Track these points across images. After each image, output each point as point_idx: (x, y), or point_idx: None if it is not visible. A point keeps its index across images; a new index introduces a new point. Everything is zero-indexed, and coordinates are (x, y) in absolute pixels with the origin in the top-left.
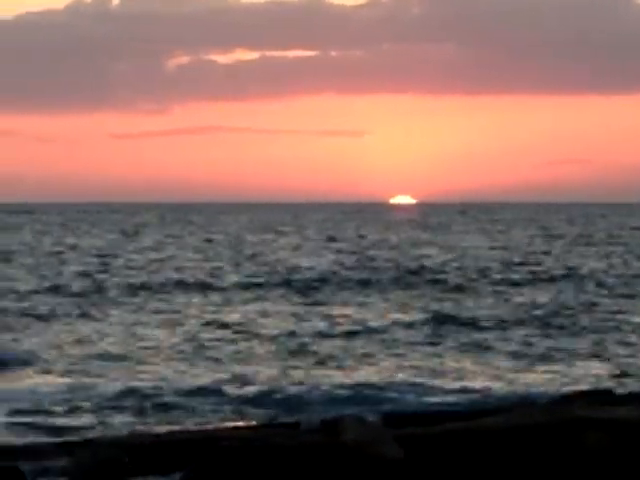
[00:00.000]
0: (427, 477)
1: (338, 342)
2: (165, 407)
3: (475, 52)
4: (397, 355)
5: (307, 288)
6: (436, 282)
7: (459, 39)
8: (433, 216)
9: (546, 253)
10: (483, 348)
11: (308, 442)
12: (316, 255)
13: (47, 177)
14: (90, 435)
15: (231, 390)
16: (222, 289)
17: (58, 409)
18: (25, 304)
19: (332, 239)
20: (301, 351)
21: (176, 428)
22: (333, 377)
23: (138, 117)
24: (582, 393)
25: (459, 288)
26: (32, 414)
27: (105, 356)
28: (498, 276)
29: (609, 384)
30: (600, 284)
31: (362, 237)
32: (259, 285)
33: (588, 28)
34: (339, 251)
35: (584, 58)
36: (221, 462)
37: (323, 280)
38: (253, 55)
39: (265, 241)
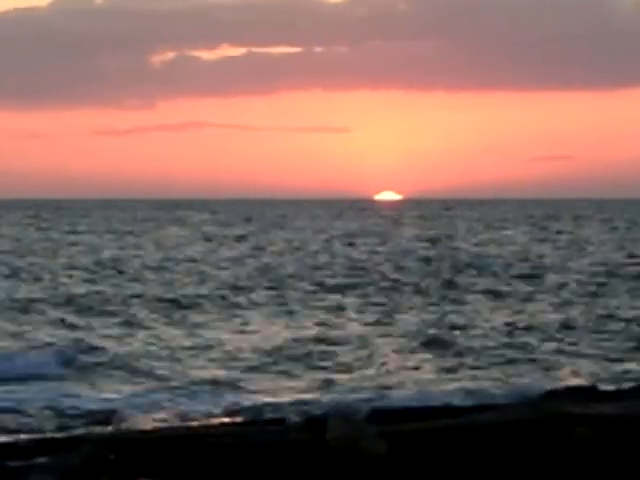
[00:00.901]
0: (412, 473)
1: None
2: None
3: (460, 48)
4: None
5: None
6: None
7: (444, 36)
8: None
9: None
10: None
11: (293, 439)
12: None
13: (31, 173)
14: (76, 433)
15: None
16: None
17: None
18: None
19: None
20: None
21: (162, 425)
22: None
23: (123, 113)
24: (567, 389)
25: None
26: None
27: None
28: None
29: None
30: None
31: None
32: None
33: (575, 24)
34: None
35: (570, 54)
36: (207, 459)
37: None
38: (238, 51)
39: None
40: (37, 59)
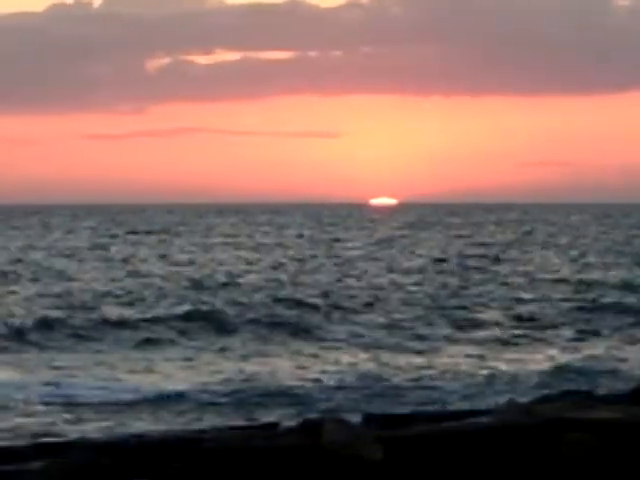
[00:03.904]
0: (409, 478)
1: None
2: None
3: (455, 53)
4: None
5: None
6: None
7: (438, 40)
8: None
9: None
10: None
11: (287, 444)
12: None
13: (24, 178)
14: (68, 437)
15: None
16: None
17: None
18: None
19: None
20: None
21: (156, 429)
22: None
23: (116, 118)
24: (563, 393)
25: None
26: None
27: None
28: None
29: None
30: None
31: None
32: None
33: (567, 29)
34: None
35: (564, 59)
36: (201, 464)
37: None
38: (233, 56)
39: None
40: (30, 64)
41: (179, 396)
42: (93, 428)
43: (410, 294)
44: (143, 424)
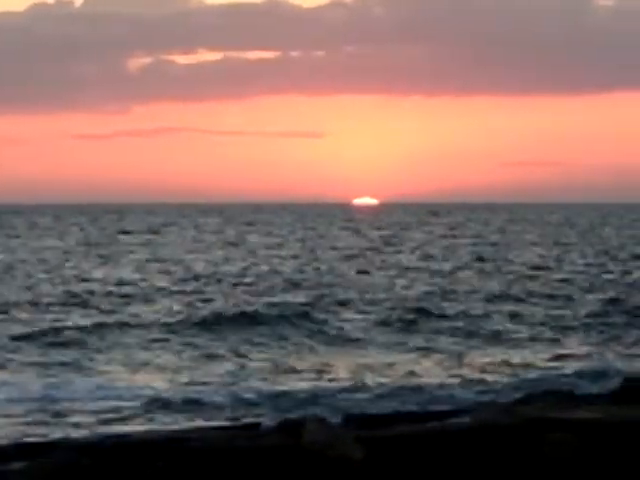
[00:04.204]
0: (389, 478)
1: None
2: None
3: (438, 53)
4: None
5: None
6: None
7: (422, 40)
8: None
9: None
10: None
11: (269, 444)
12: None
13: (9, 178)
14: (52, 437)
15: None
16: None
17: None
18: None
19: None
20: None
21: (138, 430)
22: None
23: (99, 118)
24: (544, 393)
25: None
26: None
27: None
28: None
29: None
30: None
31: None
32: None
33: (554, 29)
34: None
35: (551, 59)
36: (184, 464)
37: None
38: (215, 56)
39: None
40: (13, 64)
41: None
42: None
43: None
44: None
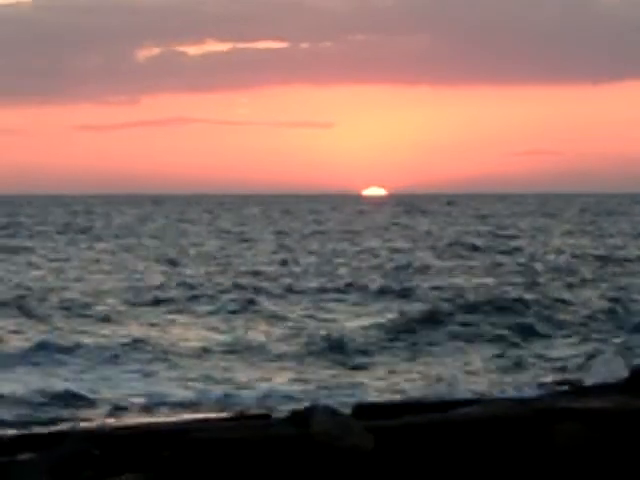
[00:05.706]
0: (399, 468)
1: None
2: None
3: (445, 43)
4: None
5: None
6: None
7: (429, 30)
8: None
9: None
10: None
11: (278, 434)
12: None
13: (15, 169)
14: (60, 428)
15: None
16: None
17: None
18: None
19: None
20: None
21: (147, 420)
22: None
23: (107, 109)
24: (553, 383)
25: None
26: None
27: None
28: None
29: None
30: None
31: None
32: None
33: (558, 18)
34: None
35: (554, 48)
36: (192, 454)
37: None
38: (223, 47)
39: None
40: (21, 54)
41: None
42: None
43: None
44: None
